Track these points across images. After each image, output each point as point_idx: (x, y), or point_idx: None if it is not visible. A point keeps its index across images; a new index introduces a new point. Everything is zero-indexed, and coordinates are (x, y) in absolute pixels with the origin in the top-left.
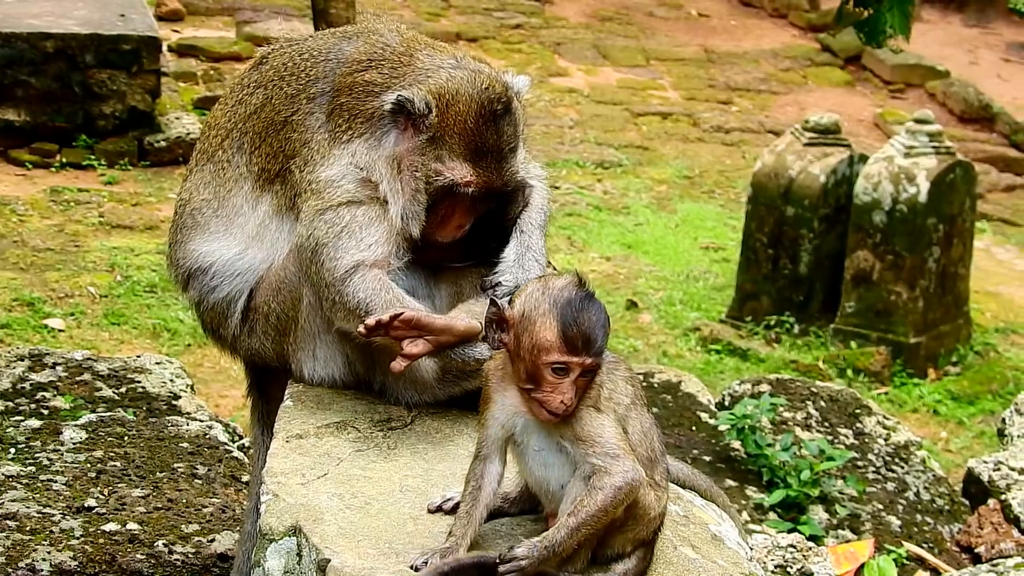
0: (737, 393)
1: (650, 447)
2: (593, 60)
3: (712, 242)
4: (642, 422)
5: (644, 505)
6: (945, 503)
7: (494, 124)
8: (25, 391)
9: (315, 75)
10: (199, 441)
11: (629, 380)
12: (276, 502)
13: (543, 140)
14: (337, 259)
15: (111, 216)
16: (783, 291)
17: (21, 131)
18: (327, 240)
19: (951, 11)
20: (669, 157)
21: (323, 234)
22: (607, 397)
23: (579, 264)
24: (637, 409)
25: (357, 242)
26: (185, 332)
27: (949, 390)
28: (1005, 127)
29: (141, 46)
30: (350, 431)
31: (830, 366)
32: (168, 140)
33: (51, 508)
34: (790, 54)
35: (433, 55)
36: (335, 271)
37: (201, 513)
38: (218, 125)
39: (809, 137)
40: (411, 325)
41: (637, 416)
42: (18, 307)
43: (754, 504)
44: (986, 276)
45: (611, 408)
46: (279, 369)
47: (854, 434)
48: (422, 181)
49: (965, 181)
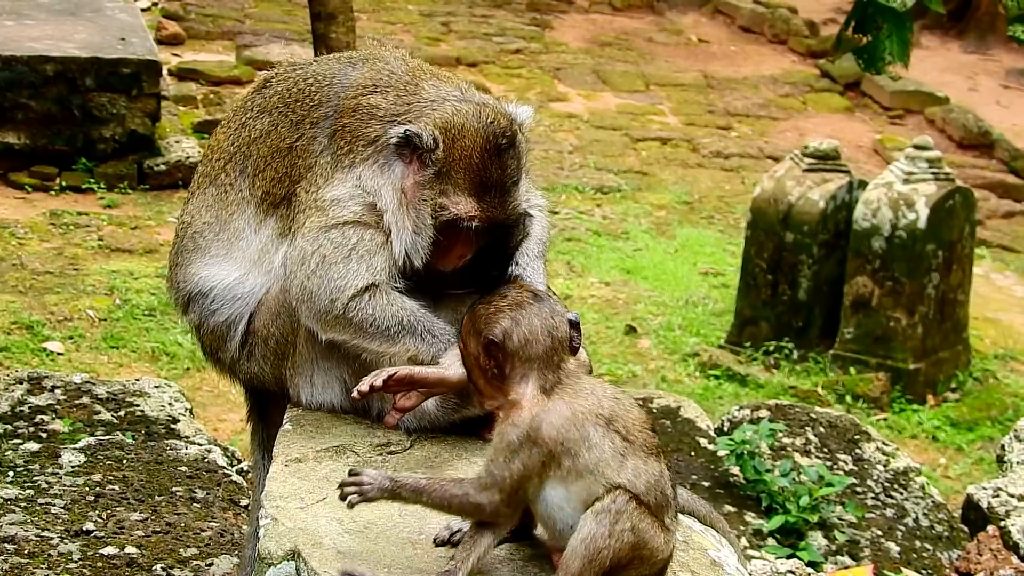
0: (736, 418)
1: (660, 494)
2: (593, 85)
3: (711, 267)
4: (647, 471)
5: (652, 548)
6: (944, 529)
7: (498, 159)
8: (24, 414)
9: (319, 100)
10: (198, 465)
11: (612, 431)
12: (275, 526)
13: (543, 165)
14: (345, 278)
15: (110, 239)
16: (782, 316)
17: (21, 154)
18: (335, 259)
19: (950, 38)
20: (668, 182)
21: (330, 252)
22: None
23: (578, 289)
24: (632, 459)
25: (367, 265)
26: (184, 356)
27: (948, 416)
28: (1004, 153)
29: (141, 70)
30: (349, 455)
31: (829, 392)
32: (168, 164)
33: (49, 531)
34: (790, 80)
35: (439, 85)
36: (343, 290)
37: (200, 537)
38: (221, 148)
39: (808, 163)
40: (404, 382)
41: (635, 465)
42: (17, 330)
43: (753, 530)
44: (985, 302)
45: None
46: (279, 393)
47: (853, 460)
48: (427, 215)
49: (964, 207)
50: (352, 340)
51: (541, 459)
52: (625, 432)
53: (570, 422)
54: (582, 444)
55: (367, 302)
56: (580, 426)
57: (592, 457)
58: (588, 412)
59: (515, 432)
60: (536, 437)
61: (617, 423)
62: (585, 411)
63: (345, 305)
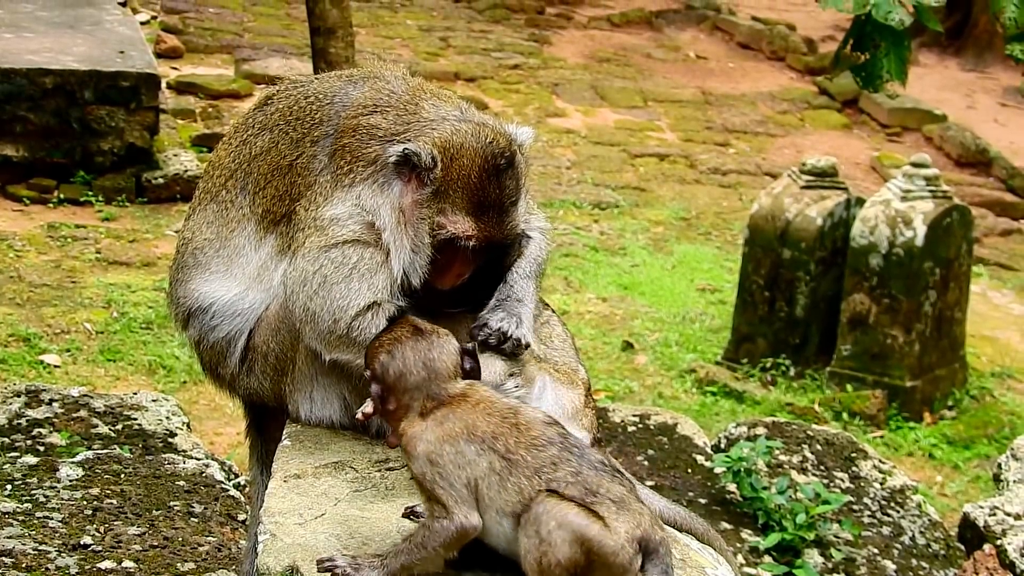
0: (733, 436)
1: (583, 484)
2: (591, 101)
3: (708, 284)
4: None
5: (603, 552)
6: (940, 548)
7: (497, 179)
8: (21, 427)
9: (320, 118)
10: (195, 479)
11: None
12: (274, 542)
13: (540, 181)
14: (347, 298)
15: (108, 252)
16: (779, 333)
17: (19, 166)
18: (336, 279)
19: (948, 56)
20: (666, 198)
21: (330, 272)
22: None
23: (575, 305)
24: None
25: (369, 284)
26: (181, 369)
27: (945, 434)
28: (1002, 171)
29: (140, 83)
30: (348, 471)
31: (826, 409)
32: (166, 177)
33: (47, 545)
34: (787, 97)
35: (438, 105)
36: (346, 309)
37: (197, 551)
38: (222, 165)
39: (806, 180)
40: None
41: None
42: (14, 343)
43: (749, 547)
44: (982, 320)
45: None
46: (278, 409)
47: (850, 478)
48: (425, 234)
49: (962, 225)
50: (356, 360)
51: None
52: (505, 451)
53: (440, 441)
54: (457, 461)
55: (370, 321)
56: (453, 443)
57: (470, 472)
58: (461, 432)
59: (409, 459)
60: (414, 455)
61: (497, 442)
62: (457, 431)
63: (348, 325)
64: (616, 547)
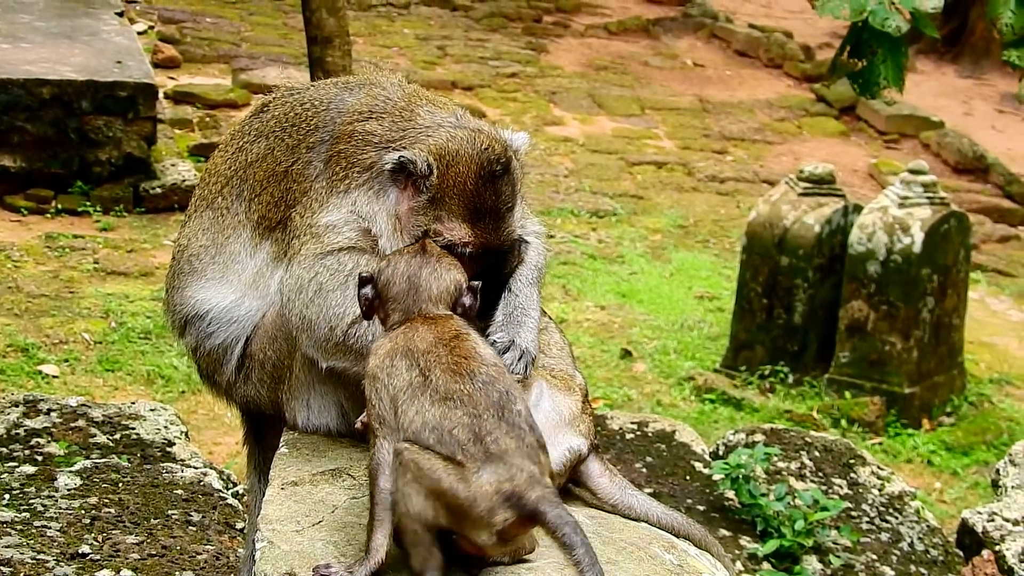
0: (731, 443)
1: (447, 436)
2: (588, 109)
3: (706, 291)
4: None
5: (456, 502)
6: (939, 554)
7: (493, 185)
8: (19, 437)
9: (316, 125)
10: (193, 488)
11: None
12: (271, 549)
13: (538, 189)
14: (343, 305)
15: (106, 262)
16: (777, 341)
17: (17, 177)
18: (332, 286)
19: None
20: (664, 206)
21: (326, 279)
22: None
23: (574, 313)
24: (423, 397)
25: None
26: (179, 379)
27: (943, 441)
28: (999, 178)
29: (137, 93)
30: (345, 478)
31: (824, 416)
32: (164, 187)
33: (45, 554)
34: (785, 104)
35: (434, 111)
36: (342, 317)
37: (195, 560)
38: (218, 172)
39: (804, 187)
40: None
41: (420, 405)
42: (12, 353)
43: (748, 554)
44: (980, 327)
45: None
46: (275, 416)
47: (848, 484)
48: None
49: (959, 232)
50: (353, 367)
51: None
52: (424, 366)
53: (385, 354)
54: (390, 374)
55: (366, 328)
56: (392, 357)
57: (395, 384)
58: (402, 346)
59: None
60: (365, 372)
61: (424, 357)
62: (399, 345)
63: (345, 332)
64: (470, 497)
